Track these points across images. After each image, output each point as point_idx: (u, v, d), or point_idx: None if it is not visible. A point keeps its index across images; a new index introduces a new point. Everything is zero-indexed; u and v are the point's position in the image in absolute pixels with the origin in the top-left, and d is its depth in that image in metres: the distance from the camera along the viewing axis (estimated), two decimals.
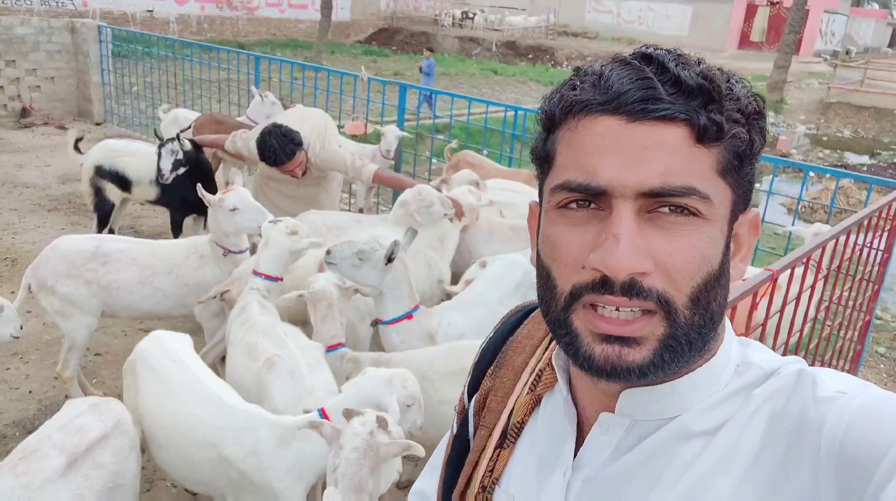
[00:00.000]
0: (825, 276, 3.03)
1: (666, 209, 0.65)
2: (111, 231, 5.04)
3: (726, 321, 0.73)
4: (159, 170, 4.35)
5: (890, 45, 36.97)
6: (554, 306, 0.70)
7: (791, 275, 2.62)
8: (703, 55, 0.72)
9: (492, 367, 0.92)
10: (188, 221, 4.96)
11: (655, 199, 0.64)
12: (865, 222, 3.20)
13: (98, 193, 4.84)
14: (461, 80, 18.35)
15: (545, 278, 0.71)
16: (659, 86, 0.65)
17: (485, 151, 6.07)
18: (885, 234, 3.67)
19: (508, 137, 5.99)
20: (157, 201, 4.89)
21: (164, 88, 8.89)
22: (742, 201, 0.70)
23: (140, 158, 4.81)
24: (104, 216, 4.88)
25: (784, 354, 2.89)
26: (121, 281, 3.36)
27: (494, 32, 26.68)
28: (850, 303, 3.64)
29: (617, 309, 0.65)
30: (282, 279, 3.10)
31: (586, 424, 0.78)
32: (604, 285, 0.64)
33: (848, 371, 4.02)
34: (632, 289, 0.64)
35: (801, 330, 2.99)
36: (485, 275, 3.59)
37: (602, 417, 0.75)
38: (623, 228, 0.64)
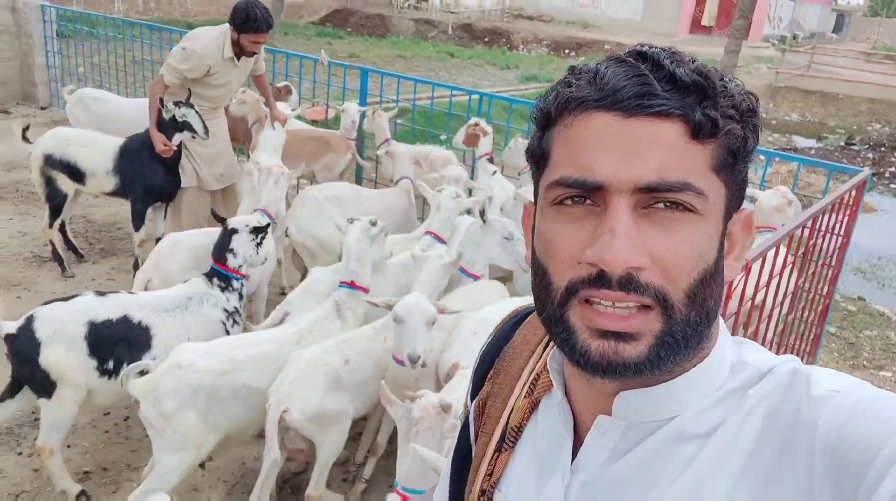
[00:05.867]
0: (802, 256, 3.09)
1: (661, 205, 0.65)
2: (63, 223, 4.82)
3: (720, 320, 0.74)
4: (204, 129, 4.39)
5: (834, 31, 38.00)
6: (550, 303, 0.70)
7: (763, 260, 2.66)
8: (655, 39, 0.73)
9: (490, 373, 0.92)
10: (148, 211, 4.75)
11: (651, 194, 0.65)
12: (829, 208, 3.28)
13: (49, 183, 4.57)
14: (417, 63, 18.17)
15: (541, 276, 0.71)
16: (654, 82, 0.65)
17: (443, 136, 6.03)
18: (845, 219, 3.76)
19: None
20: (116, 193, 4.65)
21: (112, 70, 8.57)
22: (735, 199, 0.71)
23: (94, 148, 4.57)
24: (56, 207, 4.64)
25: (760, 335, 2.95)
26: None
27: (450, 15, 26.49)
28: (812, 287, 3.74)
29: (613, 305, 0.65)
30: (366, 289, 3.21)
31: (583, 426, 0.78)
32: (600, 279, 0.65)
33: (808, 353, 4.13)
34: (629, 284, 0.64)
35: (783, 308, 3.06)
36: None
37: (598, 420, 0.75)
38: (619, 223, 0.64)
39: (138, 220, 4.63)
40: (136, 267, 4.74)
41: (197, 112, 4.45)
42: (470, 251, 3.28)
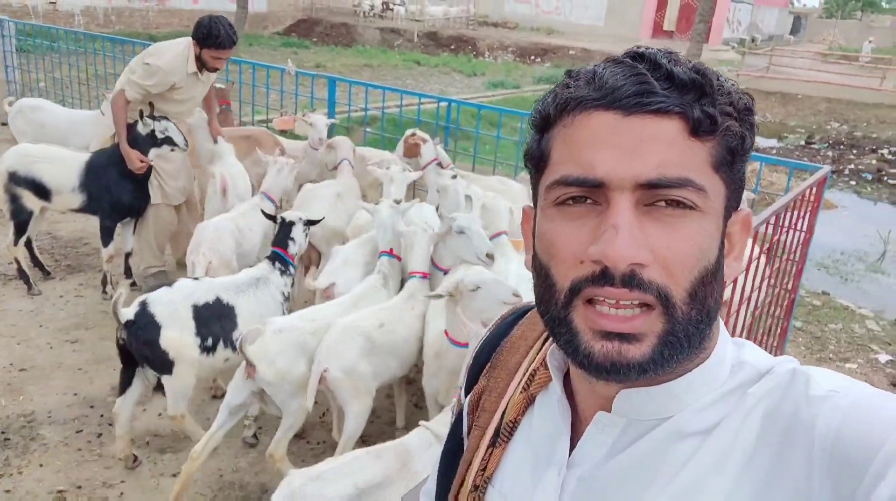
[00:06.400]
0: (767, 251, 3.16)
1: (663, 203, 0.65)
2: (29, 240, 4.72)
3: (720, 322, 0.74)
4: (185, 142, 4.48)
5: (792, 33, 38.90)
6: (553, 305, 0.69)
7: None
8: (618, 45, 0.74)
9: (487, 367, 0.92)
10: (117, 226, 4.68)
11: (652, 191, 0.65)
12: (791, 205, 3.36)
13: (14, 200, 4.45)
14: (384, 71, 18.20)
15: (543, 277, 0.71)
16: (653, 81, 0.66)
17: None
18: (807, 215, 3.86)
19: (441, 130, 5.99)
20: (83, 209, 4.55)
21: (74, 84, 8.44)
22: (734, 198, 0.71)
23: (59, 165, 4.46)
24: (21, 225, 4.51)
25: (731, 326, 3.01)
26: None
27: (416, 23, 26.58)
28: (777, 282, 3.83)
29: (617, 306, 0.65)
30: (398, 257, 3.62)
31: (582, 423, 0.77)
32: (603, 276, 0.64)
33: (776, 347, 4.22)
34: (632, 281, 0.64)
35: (750, 303, 3.12)
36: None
37: (598, 416, 0.75)
38: (622, 219, 0.64)
39: (107, 236, 4.55)
40: (104, 283, 4.68)
41: (175, 124, 4.43)
42: (439, 247, 3.51)
